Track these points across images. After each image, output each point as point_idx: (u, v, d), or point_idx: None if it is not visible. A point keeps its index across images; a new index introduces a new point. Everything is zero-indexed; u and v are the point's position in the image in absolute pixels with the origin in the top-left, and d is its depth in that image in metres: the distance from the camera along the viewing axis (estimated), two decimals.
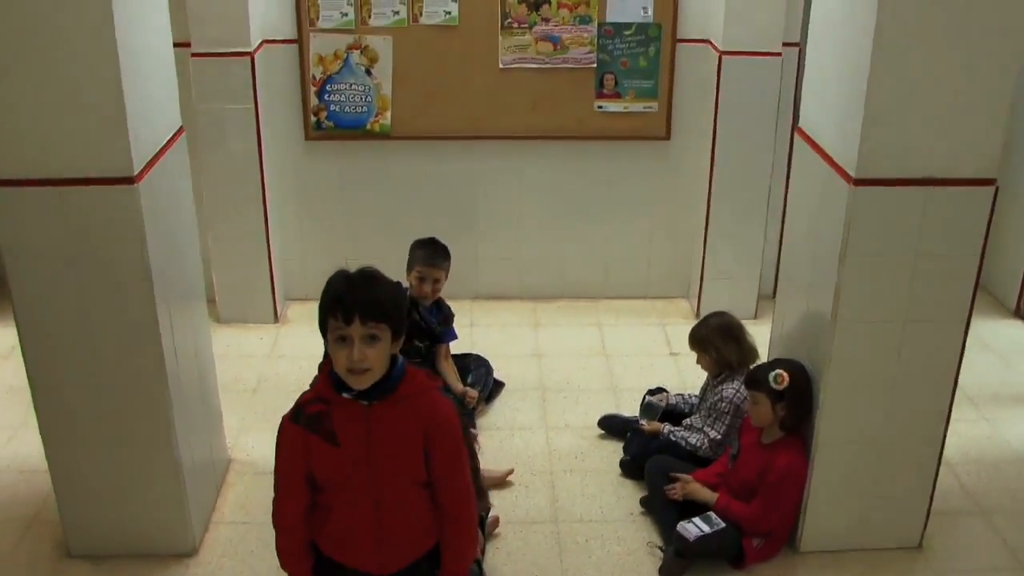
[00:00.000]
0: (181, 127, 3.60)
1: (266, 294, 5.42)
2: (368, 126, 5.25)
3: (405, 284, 4.32)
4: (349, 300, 2.35)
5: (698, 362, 4.09)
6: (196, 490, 3.71)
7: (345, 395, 2.47)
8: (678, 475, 3.76)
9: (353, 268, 2.44)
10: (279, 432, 2.57)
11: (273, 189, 5.29)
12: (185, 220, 3.67)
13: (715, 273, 5.40)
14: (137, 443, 3.46)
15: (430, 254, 4.45)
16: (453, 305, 4.68)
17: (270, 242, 5.29)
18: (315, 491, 2.57)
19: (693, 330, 4.08)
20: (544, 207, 5.51)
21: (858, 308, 3.29)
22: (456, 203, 5.46)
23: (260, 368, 5.06)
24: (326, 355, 2.49)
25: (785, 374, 3.46)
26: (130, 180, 3.08)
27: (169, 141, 3.45)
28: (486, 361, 4.82)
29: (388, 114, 5.22)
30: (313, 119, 5.25)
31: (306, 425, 2.49)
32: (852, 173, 3.15)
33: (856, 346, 3.34)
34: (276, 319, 5.44)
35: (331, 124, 5.26)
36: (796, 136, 3.68)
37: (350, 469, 2.51)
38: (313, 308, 2.46)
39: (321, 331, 2.43)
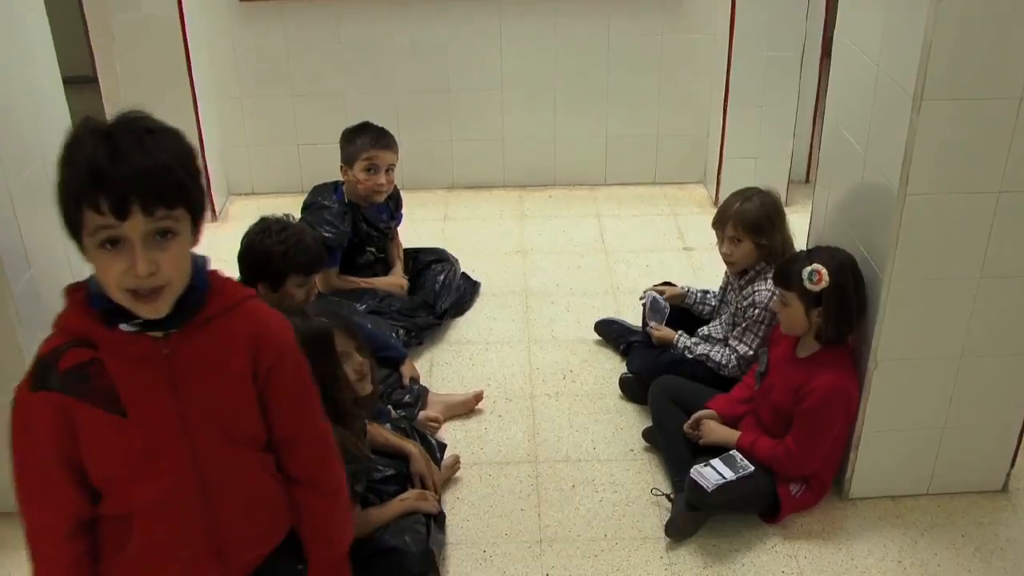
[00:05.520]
0: None
1: None
2: None
3: (343, 182, 3.87)
4: (118, 176, 1.46)
5: (725, 251, 3.26)
6: None
7: (124, 327, 1.61)
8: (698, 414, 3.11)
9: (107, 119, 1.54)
10: (13, 415, 1.65)
11: (202, 64, 4.81)
12: (34, 78, 2.98)
13: (738, 152, 4.97)
14: None
15: (377, 134, 3.81)
16: (424, 196, 4.21)
17: (201, 128, 4.74)
18: (92, 500, 1.70)
19: (738, 209, 3.21)
20: (530, 76, 5.07)
21: (937, 172, 2.58)
22: (425, 75, 5.02)
23: None
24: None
25: (824, 270, 2.78)
26: None
27: None
28: (448, 256, 4.19)
29: None
30: None
31: (64, 388, 1.60)
32: None
33: (932, 226, 2.66)
34: (215, 217, 4.87)
35: None
36: None
37: (151, 448, 1.66)
38: (261, 204, 1.82)
39: (69, 230, 1.54)
